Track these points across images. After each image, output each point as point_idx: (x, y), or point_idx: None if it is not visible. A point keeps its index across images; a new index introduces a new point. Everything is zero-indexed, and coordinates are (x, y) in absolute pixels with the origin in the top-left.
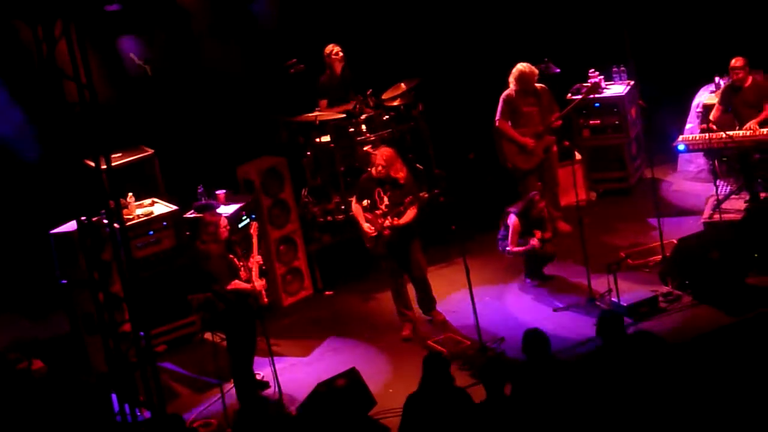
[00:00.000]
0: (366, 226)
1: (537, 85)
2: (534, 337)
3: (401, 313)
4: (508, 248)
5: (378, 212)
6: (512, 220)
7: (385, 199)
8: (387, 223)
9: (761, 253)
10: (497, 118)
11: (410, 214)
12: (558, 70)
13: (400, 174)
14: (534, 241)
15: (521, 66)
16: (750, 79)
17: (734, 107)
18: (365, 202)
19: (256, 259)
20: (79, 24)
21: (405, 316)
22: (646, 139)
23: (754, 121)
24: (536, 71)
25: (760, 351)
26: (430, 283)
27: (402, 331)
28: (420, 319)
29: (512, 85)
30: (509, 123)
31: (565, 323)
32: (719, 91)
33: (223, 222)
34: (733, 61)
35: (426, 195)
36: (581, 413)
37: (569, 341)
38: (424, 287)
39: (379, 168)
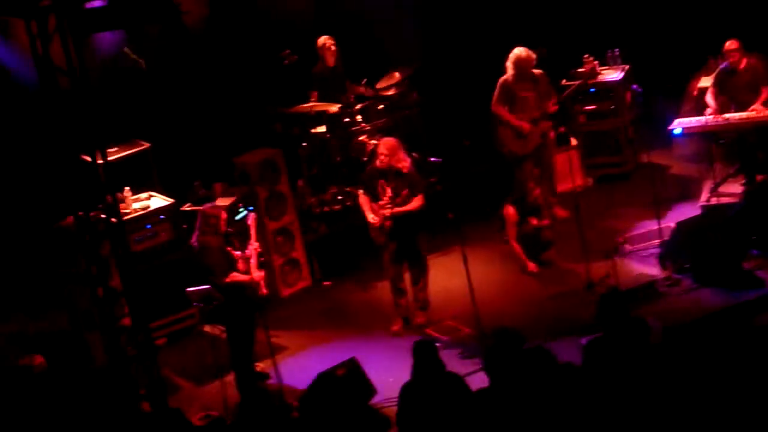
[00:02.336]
0: (370, 216)
1: (534, 70)
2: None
3: (397, 304)
4: (510, 241)
5: (381, 203)
6: (509, 211)
7: (388, 190)
8: (388, 212)
9: (759, 236)
10: (493, 102)
11: (415, 203)
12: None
13: (403, 164)
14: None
15: (518, 51)
16: (744, 62)
17: (729, 90)
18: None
19: (255, 246)
20: (72, 19)
21: (399, 307)
22: (642, 124)
23: (757, 102)
24: (534, 56)
25: (759, 334)
26: (428, 279)
27: (392, 326)
28: (414, 308)
29: (509, 70)
30: (506, 108)
31: (563, 309)
32: (713, 74)
33: (224, 215)
34: (727, 43)
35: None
36: (580, 400)
37: (567, 327)
38: (420, 281)
39: (382, 158)
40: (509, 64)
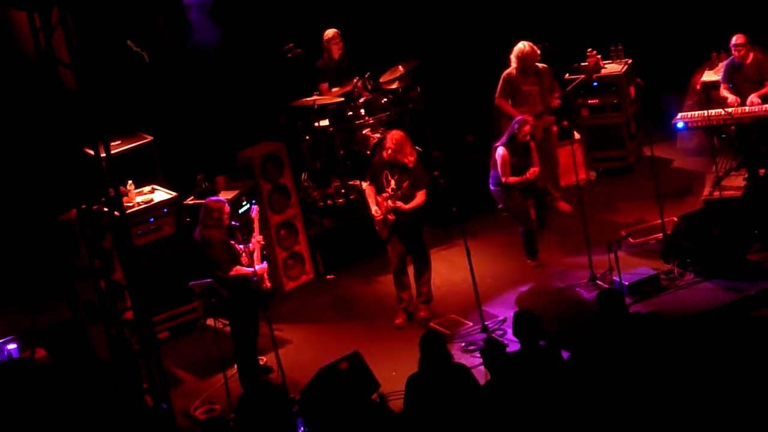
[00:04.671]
0: (374, 209)
1: (538, 64)
2: (523, 318)
3: (399, 298)
4: (504, 179)
5: (385, 195)
6: (500, 152)
7: (392, 182)
8: (390, 205)
9: (762, 230)
10: (496, 95)
11: (418, 199)
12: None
13: (409, 158)
14: (530, 173)
15: (522, 44)
16: (751, 56)
17: (735, 84)
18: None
19: (258, 239)
20: (76, 12)
21: (402, 301)
22: (644, 118)
23: (755, 94)
24: (538, 50)
25: (762, 328)
26: (431, 273)
27: (395, 319)
28: (417, 302)
29: (513, 63)
30: (509, 102)
31: (566, 302)
32: (718, 69)
33: (227, 209)
34: (734, 38)
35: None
36: (581, 392)
37: (571, 320)
38: (423, 275)
39: (389, 151)
40: (513, 58)
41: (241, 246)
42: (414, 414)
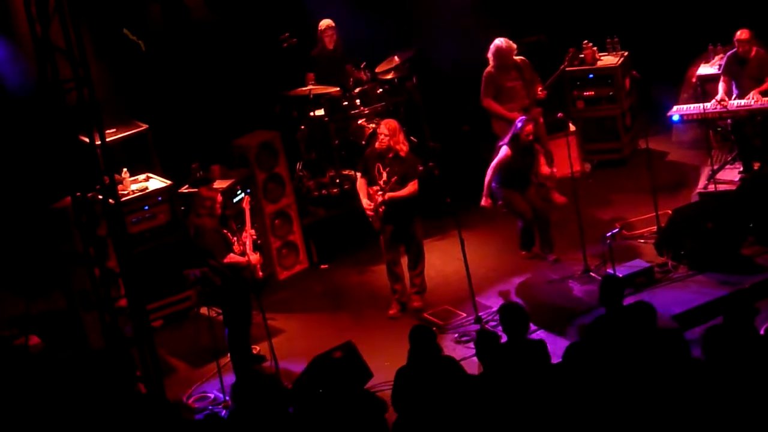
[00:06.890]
0: (365, 201)
1: (516, 58)
2: (510, 311)
3: (393, 289)
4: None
5: (376, 187)
6: (504, 152)
7: (384, 174)
8: (381, 198)
9: (756, 224)
10: (482, 96)
11: (408, 188)
12: None
13: (401, 146)
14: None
15: (498, 42)
16: (754, 51)
17: (736, 79)
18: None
19: (250, 233)
20: (72, 1)
21: (395, 292)
22: (640, 110)
23: (755, 90)
24: (514, 46)
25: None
26: (425, 264)
27: (389, 309)
28: (410, 293)
29: (491, 62)
30: (494, 100)
31: (560, 295)
32: (714, 62)
33: (219, 198)
34: (739, 33)
35: (421, 168)
36: (574, 386)
37: (565, 312)
38: (417, 266)
39: (382, 137)
40: (490, 56)
41: (234, 238)
42: (402, 407)
